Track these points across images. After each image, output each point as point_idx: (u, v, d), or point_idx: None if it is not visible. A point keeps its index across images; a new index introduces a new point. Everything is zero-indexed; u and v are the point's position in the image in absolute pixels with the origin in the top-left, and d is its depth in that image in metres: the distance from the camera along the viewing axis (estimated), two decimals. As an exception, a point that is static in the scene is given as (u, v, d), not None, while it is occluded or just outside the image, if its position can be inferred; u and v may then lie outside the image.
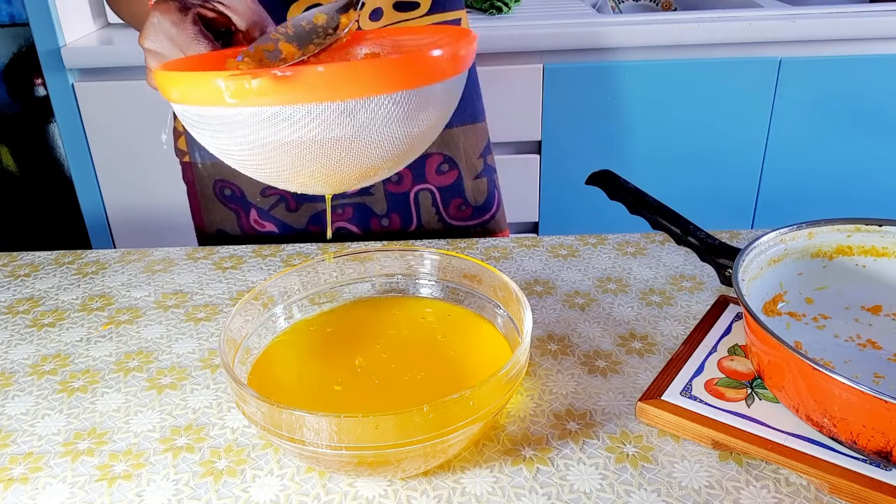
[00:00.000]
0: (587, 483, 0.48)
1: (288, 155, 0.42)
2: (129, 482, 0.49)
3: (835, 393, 0.44)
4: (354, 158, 0.43)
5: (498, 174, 0.92)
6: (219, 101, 0.40)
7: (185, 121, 0.46)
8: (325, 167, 0.43)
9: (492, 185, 0.90)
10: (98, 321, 0.67)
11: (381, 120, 0.41)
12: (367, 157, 0.43)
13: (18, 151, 1.71)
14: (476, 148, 0.88)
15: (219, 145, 0.45)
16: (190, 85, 0.42)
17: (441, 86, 0.44)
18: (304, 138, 0.41)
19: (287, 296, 0.59)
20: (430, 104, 0.44)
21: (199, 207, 0.88)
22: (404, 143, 0.44)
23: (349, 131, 0.41)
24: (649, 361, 0.59)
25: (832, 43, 1.45)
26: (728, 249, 0.58)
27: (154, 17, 0.53)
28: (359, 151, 0.42)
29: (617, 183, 0.64)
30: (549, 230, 1.63)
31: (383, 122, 0.41)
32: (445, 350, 0.56)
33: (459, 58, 0.45)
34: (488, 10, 1.54)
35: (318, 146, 0.41)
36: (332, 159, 0.43)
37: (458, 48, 0.44)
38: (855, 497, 0.45)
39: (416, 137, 0.45)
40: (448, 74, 0.44)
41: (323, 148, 0.42)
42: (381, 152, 0.43)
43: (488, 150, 0.90)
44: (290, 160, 0.43)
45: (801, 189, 1.58)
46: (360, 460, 0.44)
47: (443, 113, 0.47)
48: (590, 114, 1.51)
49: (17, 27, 1.60)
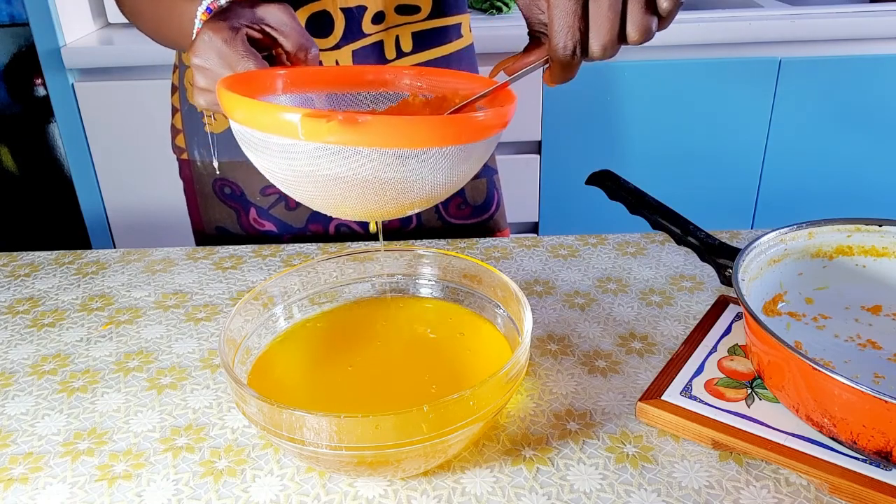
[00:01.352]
0: (587, 483, 0.48)
1: (338, 188, 0.45)
2: (129, 482, 0.49)
3: (835, 393, 0.44)
4: (398, 197, 0.46)
5: (499, 174, 0.92)
6: (290, 134, 0.43)
7: (241, 139, 0.48)
8: (369, 202, 0.47)
9: (491, 185, 0.90)
10: (98, 321, 0.67)
11: (429, 168, 0.45)
12: (409, 197, 0.47)
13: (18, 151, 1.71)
14: None
15: (271, 168, 0.47)
16: (261, 112, 0.44)
17: (484, 142, 0.48)
18: (358, 176, 0.44)
19: (287, 296, 0.59)
20: (472, 156, 0.48)
21: (195, 205, 0.88)
22: (444, 188, 0.48)
23: (399, 174, 0.44)
24: (649, 361, 0.59)
25: (832, 43, 1.45)
26: (728, 249, 0.58)
27: (205, 35, 0.55)
28: (403, 192, 0.46)
29: (617, 183, 0.64)
30: (549, 230, 1.63)
31: (430, 170, 0.45)
32: (445, 350, 0.56)
33: (503, 118, 0.48)
34: (488, 10, 1.54)
35: (368, 184, 0.45)
36: (377, 196, 0.46)
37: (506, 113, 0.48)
38: (855, 497, 0.45)
39: (455, 183, 0.49)
40: (492, 132, 0.48)
41: (372, 186, 0.45)
42: (423, 194, 0.47)
43: None
44: (339, 193, 0.46)
45: (801, 189, 1.58)
46: (360, 460, 0.44)
47: (480, 162, 0.50)
48: (590, 114, 1.51)
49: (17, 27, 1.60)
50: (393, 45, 0.79)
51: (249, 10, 0.57)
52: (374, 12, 0.77)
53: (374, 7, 0.77)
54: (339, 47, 0.77)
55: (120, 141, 1.55)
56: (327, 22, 0.76)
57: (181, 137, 0.87)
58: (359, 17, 0.77)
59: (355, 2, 0.76)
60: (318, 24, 0.76)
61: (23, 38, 1.61)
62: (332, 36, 0.77)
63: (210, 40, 0.55)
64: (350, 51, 0.78)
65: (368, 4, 0.77)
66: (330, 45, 0.77)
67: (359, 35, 0.77)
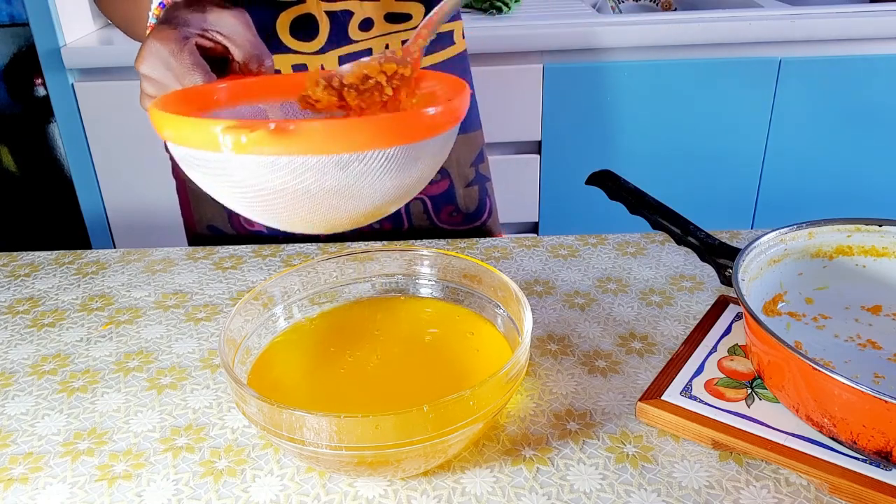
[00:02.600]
0: (587, 483, 0.48)
1: (283, 200, 0.43)
2: (129, 482, 0.49)
3: (835, 393, 0.44)
4: (347, 206, 0.44)
5: (493, 180, 0.92)
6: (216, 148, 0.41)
7: (177, 158, 0.45)
8: (322, 213, 0.44)
9: (483, 193, 0.90)
10: (98, 321, 0.67)
11: (375, 173, 0.42)
12: (360, 205, 0.44)
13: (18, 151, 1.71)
14: (468, 157, 0.88)
15: (209, 185, 0.45)
16: (187, 129, 0.42)
17: (434, 140, 0.45)
18: (300, 187, 0.42)
19: (287, 296, 0.59)
20: (423, 156, 0.45)
21: (188, 203, 0.88)
22: (396, 192, 0.45)
23: (343, 182, 0.42)
24: (649, 361, 0.59)
25: (832, 43, 1.45)
26: (728, 249, 0.58)
27: (152, 45, 0.53)
28: (351, 200, 0.44)
29: (617, 183, 0.64)
30: (549, 230, 1.63)
31: (376, 174, 0.43)
32: (445, 350, 0.56)
33: (454, 114, 0.45)
34: (488, 10, 1.54)
35: (312, 194, 0.42)
36: (327, 206, 0.44)
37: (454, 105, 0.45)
38: (855, 497, 0.45)
39: (408, 187, 0.46)
40: (442, 129, 0.45)
41: (318, 196, 0.43)
42: (373, 201, 0.45)
43: (481, 158, 0.90)
44: (285, 205, 0.44)
45: (801, 189, 1.58)
46: (360, 460, 0.44)
47: (435, 163, 0.48)
48: (590, 114, 1.51)
49: (17, 27, 1.60)
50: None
51: (200, 15, 0.54)
52: (362, 18, 0.76)
53: (361, 13, 0.76)
54: (324, 51, 0.76)
55: (120, 141, 1.55)
56: (312, 25, 0.75)
57: None
58: (344, 21, 0.76)
59: (340, 6, 0.75)
60: (303, 27, 0.75)
61: (23, 38, 1.61)
62: (316, 40, 0.76)
63: (157, 51, 0.52)
64: (336, 56, 0.77)
65: (354, 10, 0.76)
66: (314, 48, 0.76)
67: (346, 41, 0.77)
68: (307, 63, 0.76)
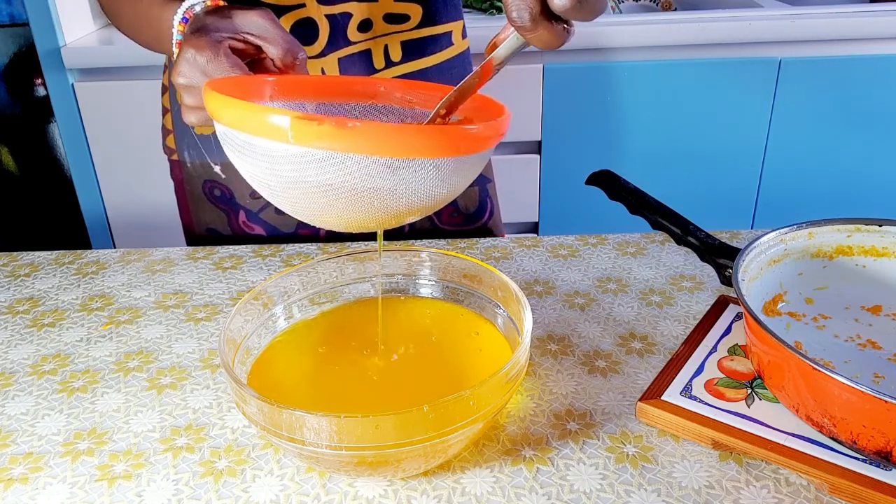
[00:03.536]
0: (587, 483, 0.48)
1: (324, 196, 0.44)
2: (129, 482, 0.49)
3: (835, 393, 0.44)
4: (384, 208, 0.45)
5: (495, 180, 0.92)
6: (278, 137, 0.42)
7: (225, 142, 0.46)
8: (355, 212, 0.45)
9: (484, 193, 0.90)
10: (98, 321, 0.67)
11: (420, 179, 0.44)
12: (396, 208, 0.46)
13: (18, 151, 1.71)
14: None
15: (254, 172, 0.46)
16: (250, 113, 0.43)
17: (476, 155, 0.47)
18: (346, 184, 0.43)
19: (287, 296, 0.59)
20: (465, 169, 0.46)
21: (187, 206, 0.88)
22: (434, 200, 0.47)
23: (389, 184, 0.43)
24: (649, 361, 0.59)
25: (832, 43, 1.45)
26: (728, 249, 0.58)
27: (187, 53, 0.53)
28: (390, 203, 0.45)
29: (617, 183, 0.64)
30: (549, 230, 1.63)
31: (421, 181, 0.44)
32: (445, 350, 0.56)
33: (498, 131, 0.47)
34: (488, 10, 1.54)
35: (355, 193, 0.43)
36: (363, 206, 0.45)
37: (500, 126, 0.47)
38: (855, 497, 0.45)
39: (445, 196, 0.47)
40: (486, 147, 0.47)
41: (359, 195, 0.44)
42: (411, 206, 0.46)
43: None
44: (324, 201, 0.45)
45: (801, 189, 1.58)
46: (360, 460, 0.44)
47: (472, 176, 0.49)
48: (590, 114, 1.51)
49: (17, 27, 1.60)
50: (381, 53, 0.78)
51: (228, 20, 0.55)
52: (360, 20, 0.76)
53: (360, 14, 0.76)
54: (324, 55, 0.76)
55: (120, 141, 1.54)
56: (312, 29, 0.75)
57: (171, 138, 0.86)
58: (343, 24, 0.76)
59: (339, 9, 0.75)
60: (303, 32, 0.75)
61: (23, 38, 1.61)
62: (316, 43, 0.76)
63: (193, 58, 0.53)
64: (336, 59, 0.77)
65: (353, 11, 0.76)
66: (315, 52, 0.76)
67: (344, 43, 0.76)
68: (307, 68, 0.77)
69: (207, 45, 0.53)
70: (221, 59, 0.53)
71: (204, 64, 0.53)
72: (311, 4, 0.74)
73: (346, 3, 0.75)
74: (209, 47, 0.53)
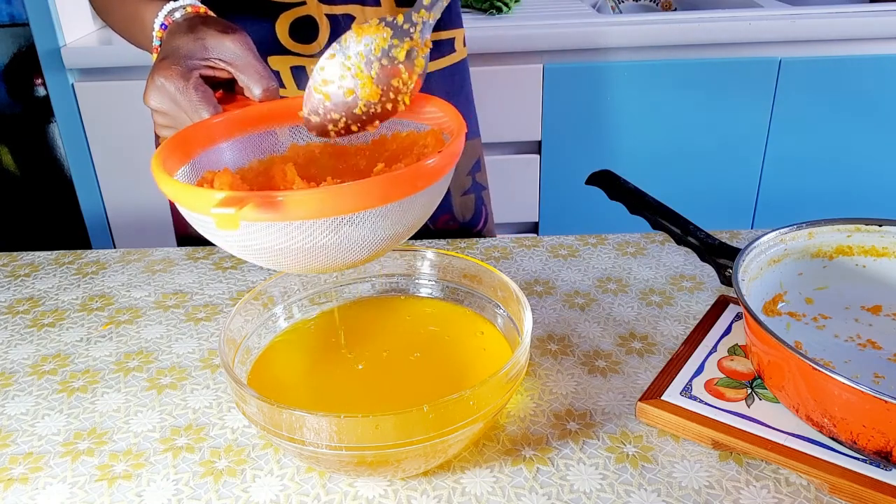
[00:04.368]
0: (587, 483, 0.48)
1: (277, 256, 0.44)
2: (129, 482, 0.49)
3: (835, 393, 0.44)
4: (341, 258, 0.45)
5: (492, 184, 0.92)
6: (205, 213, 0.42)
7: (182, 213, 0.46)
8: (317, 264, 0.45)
9: (479, 201, 0.90)
10: (98, 321, 0.67)
11: (369, 228, 0.43)
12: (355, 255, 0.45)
13: (18, 151, 1.71)
14: (465, 166, 0.88)
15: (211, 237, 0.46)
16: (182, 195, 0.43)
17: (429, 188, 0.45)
18: (292, 246, 0.43)
19: (287, 296, 0.59)
20: (418, 204, 0.45)
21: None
22: (390, 240, 0.46)
23: (336, 240, 0.43)
24: (649, 361, 0.59)
25: (832, 43, 1.45)
26: (728, 249, 0.58)
27: (158, 81, 0.53)
28: (346, 253, 0.45)
29: (617, 183, 0.64)
30: (549, 230, 1.63)
31: (370, 229, 0.43)
32: (445, 350, 0.56)
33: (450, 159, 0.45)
34: (488, 10, 1.54)
35: (303, 251, 0.43)
36: (318, 259, 0.45)
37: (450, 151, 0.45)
38: (855, 497, 0.45)
39: (403, 233, 0.47)
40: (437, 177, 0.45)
41: (309, 252, 0.44)
42: (368, 251, 0.45)
43: (478, 167, 0.90)
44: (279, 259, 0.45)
45: (801, 189, 1.58)
46: (360, 460, 0.44)
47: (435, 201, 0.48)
48: (590, 114, 1.51)
49: (17, 27, 1.60)
50: None
51: (201, 44, 0.54)
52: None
53: (363, 18, 0.76)
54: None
55: (120, 141, 1.54)
56: (312, 28, 0.75)
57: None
58: (345, 26, 0.76)
59: (341, 10, 0.75)
60: (302, 30, 0.75)
61: (23, 38, 1.61)
62: (315, 42, 0.76)
63: (162, 87, 0.53)
64: None
65: (356, 14, 0.75)
66: (313, 51, 0.76)
67: None
68: (305, 65, 0.76)
69: (178, 74, 0.53)
70: (191, 91, 0.53)
71: (173, 93, 0.53)
72: (312, 3, 0.74)
73: (349, 4, 0.75)
74: (180, 77, 0.53)
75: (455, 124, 0.49)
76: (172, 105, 0.53)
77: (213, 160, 0.53)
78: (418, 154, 0.52)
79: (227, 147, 0.54)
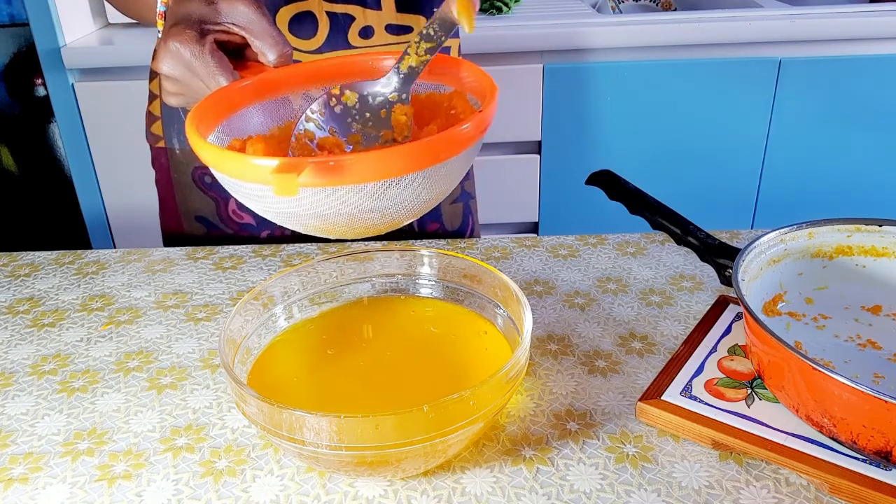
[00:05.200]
0: (587, 483, 0.48)
1: (322, 222, 0.45)
2: (129, 482, 0.49)
3: (835, 393, 0.44)
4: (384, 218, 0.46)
5: (477, 196, 0.92)
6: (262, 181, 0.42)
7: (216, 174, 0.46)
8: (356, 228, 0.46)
9: (467, 209, 0.90)
10: (98, 321, 0.67)
11: (413, 190, 0.44)
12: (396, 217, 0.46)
13: (18, 151, 1.71)
14: None
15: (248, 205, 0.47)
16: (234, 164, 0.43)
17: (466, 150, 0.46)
18: (340, 211, 0.44)
19: (287, 296, 0.59)
20: (456, 165, 0.46)
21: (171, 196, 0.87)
22: (427, 203, 0.47)
23: (383, 202, 0.44)
24: (649, 361, 0.59)
25: (832, 43, 1.45)
26: (728, 249, 0.58)
27: (172, 45, 0.52)
28: (389, 214, 0.45)
29: (617, 183, 0.64)
30: (549, 230, 1.63)
31: (413, 191, 0.44)
32: (445, 350, 0.56)
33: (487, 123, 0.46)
34: (488, 10, 1.54)
35: (352, 216, 0.44)
36: (363, 222, 0.45)
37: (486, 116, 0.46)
38: (855, 497, 0.45)
39: (442, 192, 0.47)
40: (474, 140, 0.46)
41: (356, 216, 0.44)
42: (410, 212, 0.46)
43: (468, 176, 0.90)
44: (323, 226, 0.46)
45: (801, 189, 1.58)
46: (360, 460, 0.44)
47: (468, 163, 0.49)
48: (590, 114, 1.51)
49: (17, 27, 1.60)
50: None
51: (214, 9, 0.53)
52: (362, 26, 0.76)
53: (363, 20, 0.76)
54: (321, 52, 0.76)
55: (120, 141, 1.54)
56: (311, 23, 0.75)
57: (158, 125, 0.85)
58: (345, 25, 0.76)
59: (342, 8, 0.75)
60: (302, 25, 0.75)
61: (23, 38, 1.61)
62: (314, 38, 0.76)
63: (177, 51, 0.52)
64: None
65: (356, 15, 0.75)
66: (313, 47, 0.76)
67: (344, 45, 0.76)
68: (303, 61, 0.76)
69: (192, 39, 0.52)
70: (207, 56, 0.52)
71: (188, 58, 0.52)
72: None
73: (350, 4, 0.75)
74: (194, 41, 0.52)
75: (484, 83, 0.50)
76: (186, 72, 0.52)
77: (236, 128, 0.53)
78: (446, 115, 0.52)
79: (247, 114, 0.54)
